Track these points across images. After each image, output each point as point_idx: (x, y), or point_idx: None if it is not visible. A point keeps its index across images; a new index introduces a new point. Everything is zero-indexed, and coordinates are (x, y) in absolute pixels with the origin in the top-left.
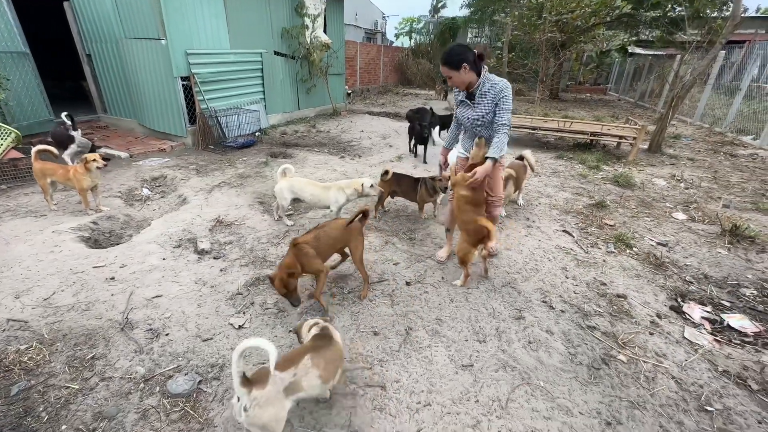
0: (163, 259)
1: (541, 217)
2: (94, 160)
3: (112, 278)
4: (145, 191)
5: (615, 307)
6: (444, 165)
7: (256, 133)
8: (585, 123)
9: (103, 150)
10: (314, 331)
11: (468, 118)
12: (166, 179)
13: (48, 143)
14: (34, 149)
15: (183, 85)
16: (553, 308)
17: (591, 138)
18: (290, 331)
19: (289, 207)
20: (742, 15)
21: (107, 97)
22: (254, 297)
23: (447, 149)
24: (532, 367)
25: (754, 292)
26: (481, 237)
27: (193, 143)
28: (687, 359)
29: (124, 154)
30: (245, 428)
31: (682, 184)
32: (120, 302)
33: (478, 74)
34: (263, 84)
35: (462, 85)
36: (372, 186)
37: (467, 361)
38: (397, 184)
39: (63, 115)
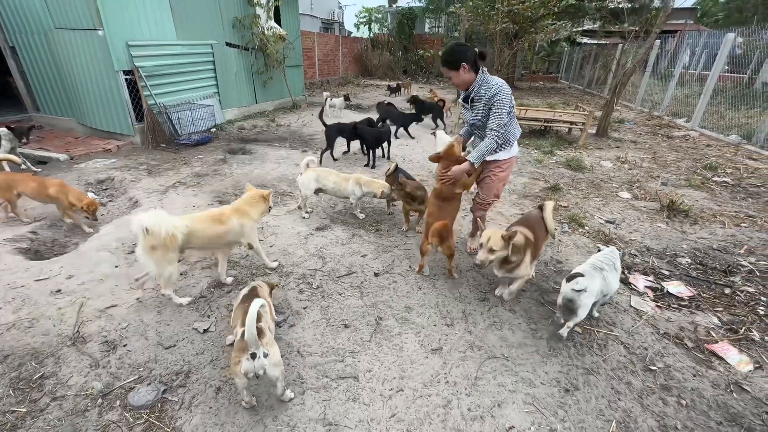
0: (116, 266)
1: (501, 201)
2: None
3: (58, 291)
4: (91, 196)
5: None
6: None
7: (212, 129)
8: (539, 110)
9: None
10: (244, 291)
11: (468, 121)
12: (114, 181)
13: None
14: None
15: (126, 79)
16: None
17: (545, 124)
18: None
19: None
20: (673, 6)
21: (39, 94)
22: (218, 299)
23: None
24: (497, 345)
25: (689, 260)
26: (433, 233)
27: (143, 142)
28: (633, 325)
29: (63, 156)
30: (267, 372)
31: (626, 165)
32: (69, 316)
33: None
34: (216, 77)
35: (463, 85)
36: (389, 193)
37: (436, 345)
38: (393, 181)
39: None
